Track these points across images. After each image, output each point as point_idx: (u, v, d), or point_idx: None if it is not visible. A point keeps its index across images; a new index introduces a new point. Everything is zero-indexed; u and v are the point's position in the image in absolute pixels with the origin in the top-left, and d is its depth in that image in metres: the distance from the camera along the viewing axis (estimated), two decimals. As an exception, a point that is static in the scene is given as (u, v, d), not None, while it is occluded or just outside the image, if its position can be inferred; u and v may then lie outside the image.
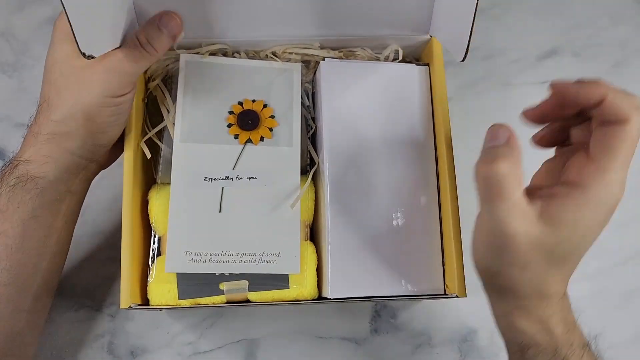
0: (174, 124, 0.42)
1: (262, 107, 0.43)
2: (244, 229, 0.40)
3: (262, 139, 0.42)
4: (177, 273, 0.41)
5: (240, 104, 0.43)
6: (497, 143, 0.32)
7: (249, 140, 0.42)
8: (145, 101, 0.45)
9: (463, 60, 0.38)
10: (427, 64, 0.46)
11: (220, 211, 0.41)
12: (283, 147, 0.42)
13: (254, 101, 0.43)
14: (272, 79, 0.44)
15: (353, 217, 0.41)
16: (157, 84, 0.45)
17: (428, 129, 0.44)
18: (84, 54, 0.36)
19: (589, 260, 0.51)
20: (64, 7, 0.32)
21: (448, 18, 0.41)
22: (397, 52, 0.47)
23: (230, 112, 0.43)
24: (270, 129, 0.43)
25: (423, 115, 0.44)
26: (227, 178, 0.41)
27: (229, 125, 0.42)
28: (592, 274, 0.51)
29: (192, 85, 0.43)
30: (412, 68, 0.45)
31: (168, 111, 0.43)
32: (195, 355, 0.49)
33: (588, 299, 0.50)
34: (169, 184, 0.42)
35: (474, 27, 0.37)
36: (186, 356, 0.49)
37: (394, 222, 0.42)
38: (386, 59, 0.47)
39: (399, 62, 0.47)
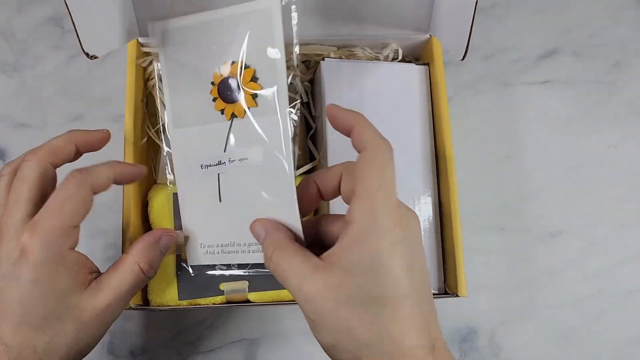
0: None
1: (239, 69, 0.36)
2: (245, 218, 0.36)
3: (248, 111, 0.36)
4: (177, 273, 0.41)
5: (219, 70, 0.37)
6: (260, 241, 0.34)
7: (234, 115, 0.36)
8: (145, 101, 0.45)
9: (463, 59, 0.38)
10: (427, 64, 0.46)
11: (220, 200, 0.37)
12: (270, 116, 0.35)
13: (233, 63, 0.36)
14: (248, 27, 0.36)
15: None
16: (155, 84, 0.44)
17: (428, 129, 0.44)
18: (87, 54, 0.36)
19: (589, 261, 0.52)
20: (67, 7, 0.33)
21: (448, 18, 0.41)
22: (396, 51, 0.47)
23: (212, 83, 0.37)
24: (254, 96, 0.35)
25: (423, 115, 0.44)
26: (220, 163, 0.37)
27: (214, 100, 0.37)
28: (592, 274, 0.51)
29: (173, 58, 0.38)
30: (412, 68, 0.45)
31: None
32: (195, 355, 0.49)
33: (588, 299, 0.50)
34: (165, 184, 0.42)
35: (473, 27, 0.36)
36: (186, 356, 0.49)
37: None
38: (386, 59, 0.47)
39: (399, 61, 0.47)
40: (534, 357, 0.49)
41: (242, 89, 0.36)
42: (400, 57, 0.47)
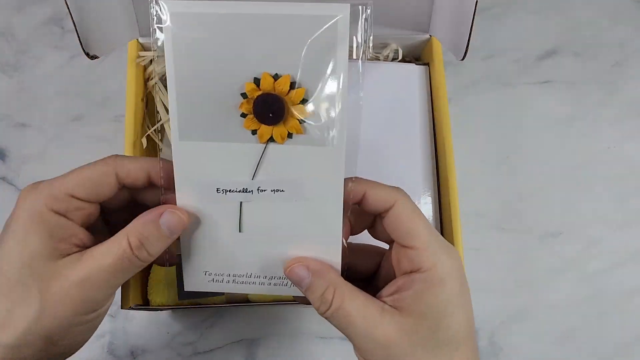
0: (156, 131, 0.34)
1: (288, 86, 0.29)
2: (272, 253, 0.32)
3: (289, 135, 0.30)
4: (177, 273, 0.41)
5: (257, 82, 0.29)
6: (305, 284, 0.30)
7: (271, 139, 0.30)
8: (145, 101, 0.45)
9: (463, 59, 0.38)
10: (427, 64, 0.46)
11: (240, 230, 0.32)
12: (320, 147, 0.30)
13: (276, 77, 0.29)
14: (303, 36, 0.28)
15: (353, 217, 0.41)
16: (156, 83, 0.44)
17: (428, 129, 0.44)
18: (87, 54, 0.36)
19: (589, 261, 0.52)
20: (67, 7, 0.33)
21: (448, 17, 0.41)
22: (396, 51, 0.47)
23: (243, 95, 0.29)
24: (302, 121, 0.29)
25: (422, 115, 0.44)
26: (245, 191, 0.31)
27: (243, 115, 0.30)
28: (593, 274, 0.51)
29: (187, 52, 0.29)
30: (412, 68, 0.45)
31: (166, 109, 0.43)
32: (196, 356, 0.49)
33: (588, 299, 0.50)
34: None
35: (473, 27, 0.36)
36: (186, 356, 0.49)
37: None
38: (386, 59, 0.47)
39: (399, 61, 0.47)
40: (534, 358, 0.49)
41: (288, 111, 0.29)
42: (400, 57, 0.47)
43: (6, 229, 0.28)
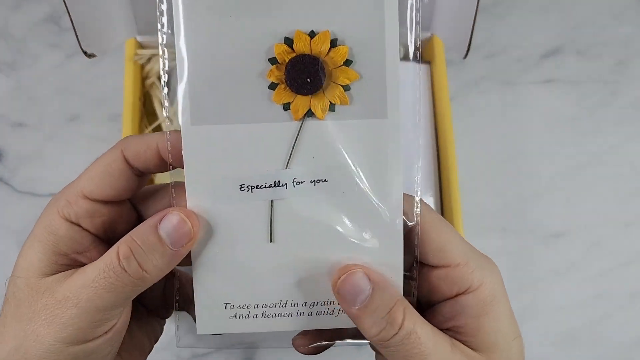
0: (168, 117, 0.26)
1: (328, 44, 0.24)
2: (312, 266, 0.25)
3: (331, 107, 0.24)
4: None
5: (288, 42, 0.24)
6: (362, 299, 0.23)
7: (309, 113, 0.24)
8: (142, 100, 0.44)
9: (465, 58, 0.38)
10: (429, 62, 0.45)
11: (271, 240, 0.25)
12: (372, 120, 0.24)
13: (312, 34, 0.24)
14: None
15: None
16: (154, 82, 0.44)
17: (429, 129, 0.44)
18: (85, 53, 0.35)
19: (592, 262, 0.51)
20: (65, 5, 0.32)
21: (449, 16, 0.41)
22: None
23: (272, 60, 0.24)
24: (347, 87, 0.24)
25: (424, 114, 0.44)
26: (277, 185, 0.25)
27: (272, 87, 0.24)
28: (596, 275, 0.51)
29: (200, 11, 0.23)
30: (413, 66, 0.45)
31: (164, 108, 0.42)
32: (194, 358, 0.48)
33: (591, 300, 0.50)
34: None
35: (475, 25, 0.36)
36: (184, 359, 0.48)
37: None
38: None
39: (400, 60, 0.47)
40: (537, 359, 0.49)
41: (329, 75, 0.24)
42: (401, 56, 0.46)
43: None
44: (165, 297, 0.28)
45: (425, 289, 0.25)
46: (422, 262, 0.25)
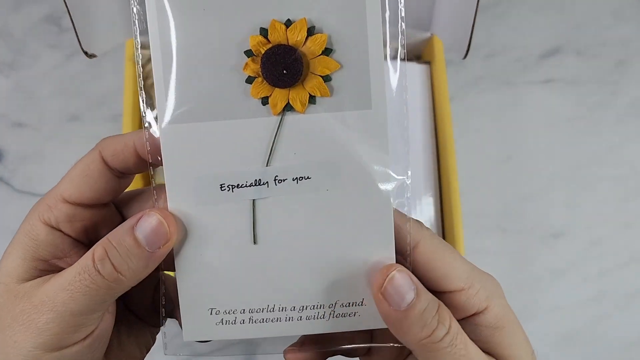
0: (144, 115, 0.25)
1: (305, 34, 0.23)
2: (299, 269, 0.24)
3: (312, 99, 0.23)
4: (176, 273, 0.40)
5: (264, 32, 0.23)
6: (408, 301, 0.22)
7: (288, 107, 0.23)
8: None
9: (464, 58, 0.38)
10: (428, 62, 0.45)
11: (255, 242, 0.24)
12: (356, 112, 0.23)
13: (288, 23, 0.23)
14: None
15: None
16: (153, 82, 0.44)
17: (429, 129, 0.44)
18: (85, 53, 0.35)
19: (592, 262, 0.51)
20: (66, 5, 0.32)
21: (449, 16, 0.41)
22: (397, 50, 0.46)
23: (248, 53, 0.23)
24: (327, 78, 0.23)
25: (424, 115, 0.44)
26: (258, 183, 0.24)
27: (249, 80, 0.23)
28: (595, 275, 0.51)
29: (174, 6, 0.23)
30: (413, 66, 0.45)
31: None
32: (194, 358, 0.48)
33: (591, 300, 0.50)
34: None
35: (475, 25, 0.36)
36: (184, 358, 0.48)
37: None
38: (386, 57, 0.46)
39: (393, 59, 0.47)
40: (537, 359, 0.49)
41: (307, 66, 0.23)
42: (393, 55, 0.46)
43: None
44: (155, 305, 0.27)
45: None
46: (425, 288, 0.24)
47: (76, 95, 0.54)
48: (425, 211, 0.43)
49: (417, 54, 0.48)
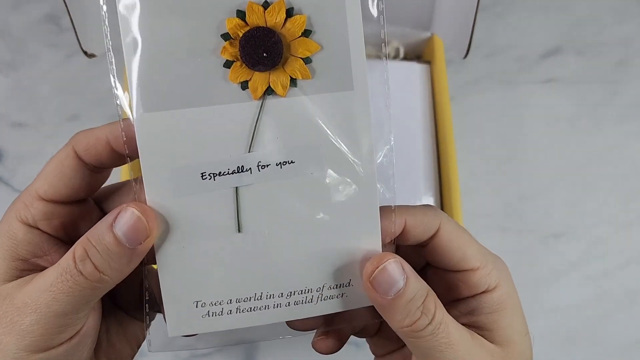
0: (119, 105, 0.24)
1: (283, 15, 0.22)
2: (285, 255, 0.24)
3: (293, 82, 0.22)
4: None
5: (241, 14, 0.22)
6: (397, 289, 0.22)
7: (269, 91, 0.22)
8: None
9: (465, 58, 0.38)
10: (429, 62, 0.45)
11: (239, 230, 0.23)
12: (338, 93, 0.23)
13: (266, 5, 0.22)
14: None
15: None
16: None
17: (429, 128, 0.44)
18: (85, 52, 0.35)
19: (592, 262, 0.51)
20: (65, 5, 0.32)
21: (450, 15, 0.41)
22: (397, 49, 0.46)
23: (225, 36, 0.22)
24: (308, 60, 0.22)
25: (424, 114, 0.44)
26: (240, 170, 0.23)
27: (227, 65, 0.22)
28: (595, 275, 0.51)
29: None
30: (413, 66, 0.45)
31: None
32: (193, 358, 0.48)
33: (591, 300, 0.50)
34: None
35: (475, 25, 0.36)
36: (183, 359, 0.48)
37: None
38: (387, 57, 0.46)
39: (400, 60, 0.46)
40: (537, 359, 0.49)
41: (287, 48, 0.22)
42: (401, 56, 0.46)
43: None
44: (142, 299, 0.26)
45: (442, 288, 0.25)
46: (442, 268, 0.25)
47: (76, 94, 0.54)
48: (425, 211, 0.43)
49: (417, 54, 0.48)
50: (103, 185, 0.26)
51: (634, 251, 0.51)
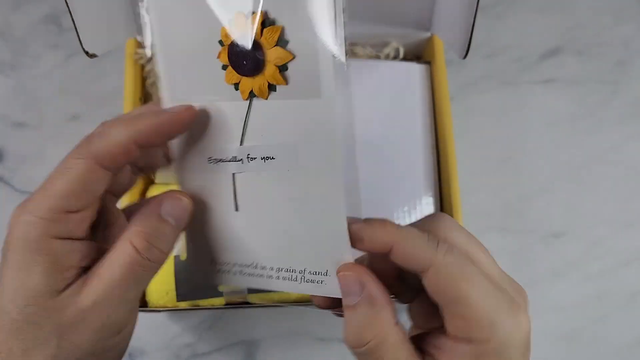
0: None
1: (260, 25, 0.24)
2: (272, 236, 0.27)
3: (273, 87, 0.24)
4: (175, 273, 0.40)
5: (230, 24, 0.25)
6: (351, 302, 0.23)
7: (253, 94, 0.25)
8: (143, 100, 0.44)
9: (464, 58, 0.38)
10: (429, 62, 0.45)
11: (237, 209, 0.27)
12: (307, 101, 0.24)
13: (249, 16, 0.24)
14: None
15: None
16: (154, 82, 0.44)
17: (429, 128, 0.44)
18: (86, 52, 0.35)
19: (593, 262, 0.51)
20: (67, 5, 0.32)
21: (449, 16, 0.41)
22: (397, 50, 0.46)
23: (220, 43, 0.25)
24: (284, 67, 0.24)
25: (424, 115, 0.44)
26: (235, 159, 0.26)
27: (224, 68, 0.25)
28: (596, 275, 0.51)
29: (170, 5, 0.26)
30: (413, 66, 0.45)
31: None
32: (194, 357, 0.48)
33: (591, 300, 0.50)
34: (166, 184, 0.41)
35: (475, 25, 0.36)
36: (184, 358, 0.48)
37: (396, 222, 0.42)
38: (387, 57, 0.46)
39: (400, 60, 0.47)
40: (537, 359, 0.49)
41: (266, 56, 0.24)
42: (401, 56, 0.46)
43: (4, 262, 0.24)
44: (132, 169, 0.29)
45: (425, 310, 0.25)
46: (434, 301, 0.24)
47: (77, 95, 0.54)
48: (425, 211, 0.42)
49: (417, 54, 0.48)
50: None
51: (633, 251, 0.51)
